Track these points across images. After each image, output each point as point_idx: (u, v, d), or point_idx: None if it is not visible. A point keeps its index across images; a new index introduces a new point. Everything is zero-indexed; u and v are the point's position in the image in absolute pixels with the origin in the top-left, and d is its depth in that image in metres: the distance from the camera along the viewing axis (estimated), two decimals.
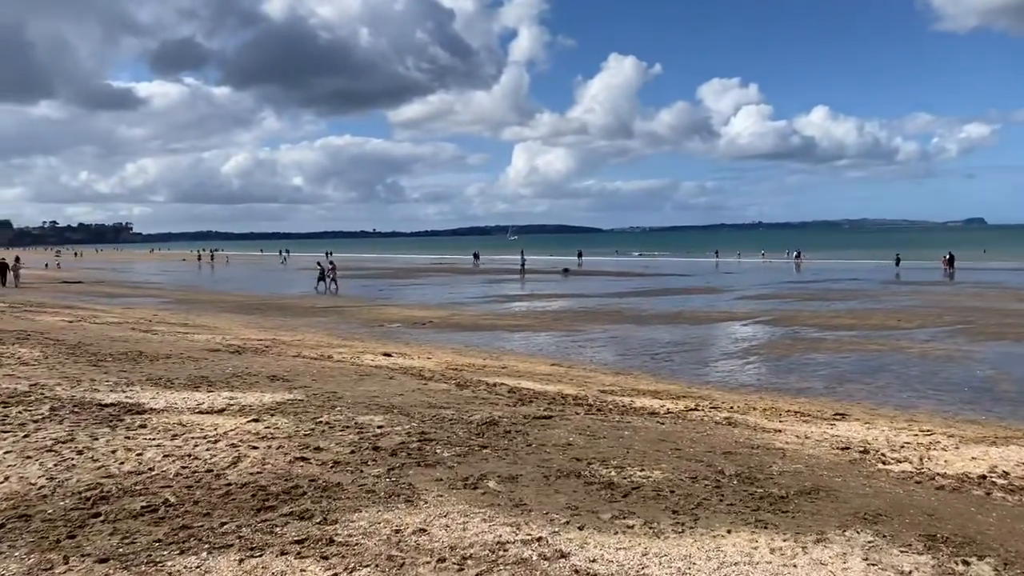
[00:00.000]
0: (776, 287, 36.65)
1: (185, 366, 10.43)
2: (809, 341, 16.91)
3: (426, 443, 6.05)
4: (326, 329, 19.40)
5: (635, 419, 7.74)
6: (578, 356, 15.15)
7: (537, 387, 10.12)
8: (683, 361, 14.44)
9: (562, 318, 22.85)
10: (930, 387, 11.48)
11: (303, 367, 10.88)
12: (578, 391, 9.94)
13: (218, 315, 23.69)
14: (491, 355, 14.68)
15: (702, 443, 6.62)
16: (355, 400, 8.04)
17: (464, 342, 17.08)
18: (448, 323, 21.23)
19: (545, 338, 18.04)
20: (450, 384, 9.86)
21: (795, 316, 22.34)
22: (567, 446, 6.18)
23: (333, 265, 39.71)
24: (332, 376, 10.01)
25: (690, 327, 20.15)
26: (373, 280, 47.45)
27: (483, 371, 11.83)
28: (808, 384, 11.87)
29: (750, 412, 8.87)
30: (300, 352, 13.25)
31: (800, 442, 6.96)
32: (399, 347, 15.36)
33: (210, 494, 4.56)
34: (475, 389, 9.49)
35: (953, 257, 51.14)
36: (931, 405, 10.18)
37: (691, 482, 5.17)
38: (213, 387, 8.61)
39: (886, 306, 25.32)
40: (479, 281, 44.76)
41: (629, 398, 9.56)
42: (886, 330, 18.65)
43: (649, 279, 44.66)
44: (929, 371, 12.89)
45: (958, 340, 16.57)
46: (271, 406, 7.47)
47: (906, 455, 6.52)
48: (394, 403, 7.94)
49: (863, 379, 12.19)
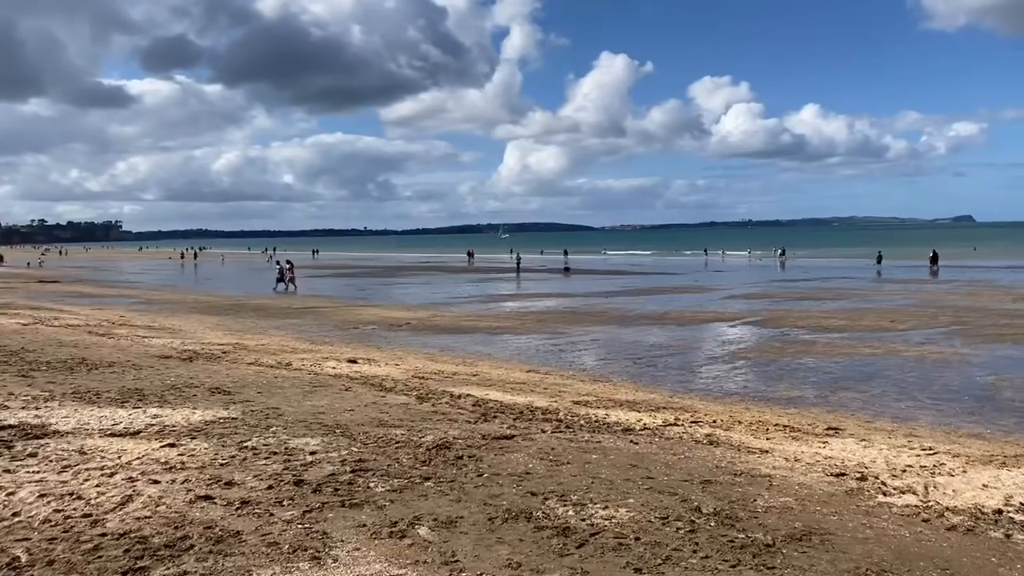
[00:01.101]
0: (765, 286, 35.97)
1: (124, 376, 9.60)
2: (799, 344, 16.18)
3: (360, 474, 5.26)
4: (297, 332, 18.57)
5: (607, 438, 6.96)
6: (557, 361, 14.37)
7: (506, 398, 9.33)
8: (666, 366, 13.68)
9: (546, 319, 22.08)
10: (928, 395, 10.75)
11: (253, 377, 10.06)
12: (549, 403, 9.16)
13: (188, 316, 22.81)
14: (465, 361, 13.89)
15: (678, 469, 5.85)
16: (296, 418, 7.23)
17: (440, 346, 16.28)
18: (427, 325, 20.42)
19: (525, 341, 17.26)
20: (411, 396, 9.06)
21: (784, 316, 21.63)
22: (524, 475, 5.40)
23: (291, 265, 38.06)
24: (281, 388, 9.20)
25: (676, 329, 19.41)
26: (358, 279, 46.56)
27: (452, 380, 11.04)
28: (798, 392, 11.12)
29: (734, 427, 8.11)
30: (259, 359, 12.43)
31: (789, 466, 6.20)
32: (369, 352, 14.54)
33: (74, 549, 3.75)
34: (437, 402, 8.69)
35: (937, 255, 50.76)
36: (931, 416, 9.44)
37: (661, 524, 4.40)
38: (143, 402, 7.79)
39: (878, 306, 24.65)
40: (467, 280, 43.94)
41: (604, 410, 8.78)
42: (879, 332, 17.95)
43: (637, 277, 43.92)
44: (926, 377, 12.17)
45: (955, 343, 15.87)
46: (197, 426, 6.65)
47: (909, 483, 5.76)
48: (340, 421, 7.14)
49: (857, 386, 11.45)
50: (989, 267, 52.17)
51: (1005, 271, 46.91)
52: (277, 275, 36.60)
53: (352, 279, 46.53)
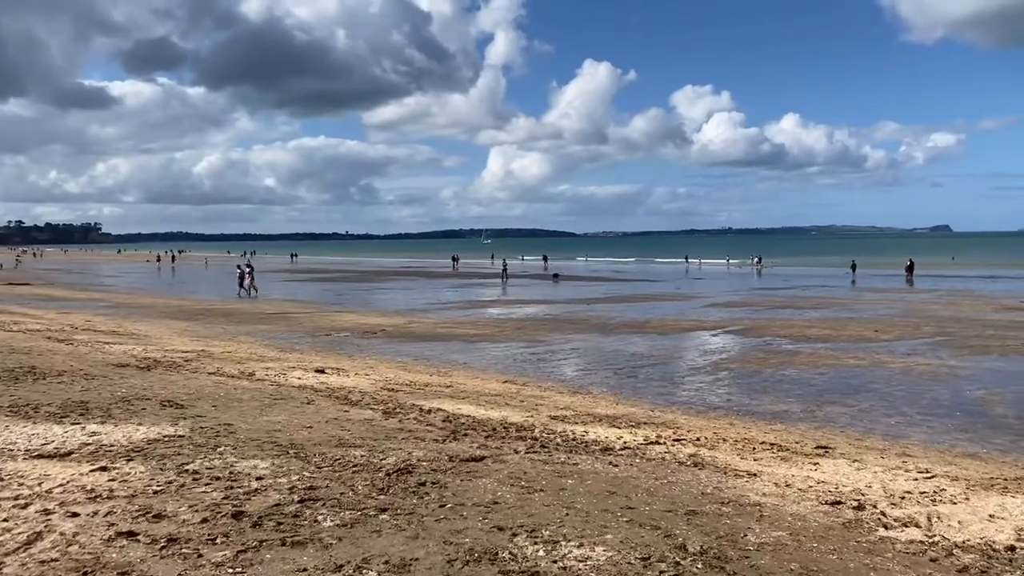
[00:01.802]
0: (746, 294, 35.73)
1: (71, 387, 8.98)
2: (783, 354, 15.80)
3: (309, 504, 4.73)
4: (267, 338, 17.95)
5: (584, 459, 6.47)
6: (535, 371, 13.88)
7: (479, 413, 8.82)
8: (648, 377, 13.23)
9: (525, 327, 21.59)
10: (918, 410, 10.36)
11: (212, 388, 9.47)
12: (525, 418, 8.66)
13: (156, 321, 22.10)
14: (439, 370, 13.36)
15: (661, 496, 5.38)
16: (249, 436, 6.68)
17: (414, 354, 15.74)
18: (402, 332, 19.86)
19: (503, 350, 16.76)
20: (377, 411, 8.52)
21: (767, 326, 21.29)
22: (492, 506, 4.89)
23: (251, 269, 36.70)
24: (239, 401, 8.62)
25: (657, 338, 18.98)
26: (336, 283, 45.86)
27: (423, 392, 10.51)
28: (784, 406, 10.70)
29: (719, 445, 7.65)
30: (221, 368, 11.83)
31: (780, 492, 5.74)
32: (339, 361, 13.98)
33: None
34: (404, 417, 8.16)
35: (913, 265, 51.07)
36: (923, 434, 9.04)
37: (643, 567, 3.91)
38: (84, 417, 7.19)
39: (860, 315, 24.40)
40: (448, 286, 43.37)
41: (582, 427, 8.30)
42: (863, 342, 17.63)
43: (618, 284, 43.57)
44: (915, 391, 11.80)
45: (941, 354, 15.56)
46: (138, 446, 6.09)
47: (910, 513, 5.32)
48: (296, 440, 6.60)
49: (844, 400, 11.05)
50: (968, 276, 52.41)
51: (984, 280, 47.09)
52: (238, 279, 35.62)
53: (330, 283, 45.81)
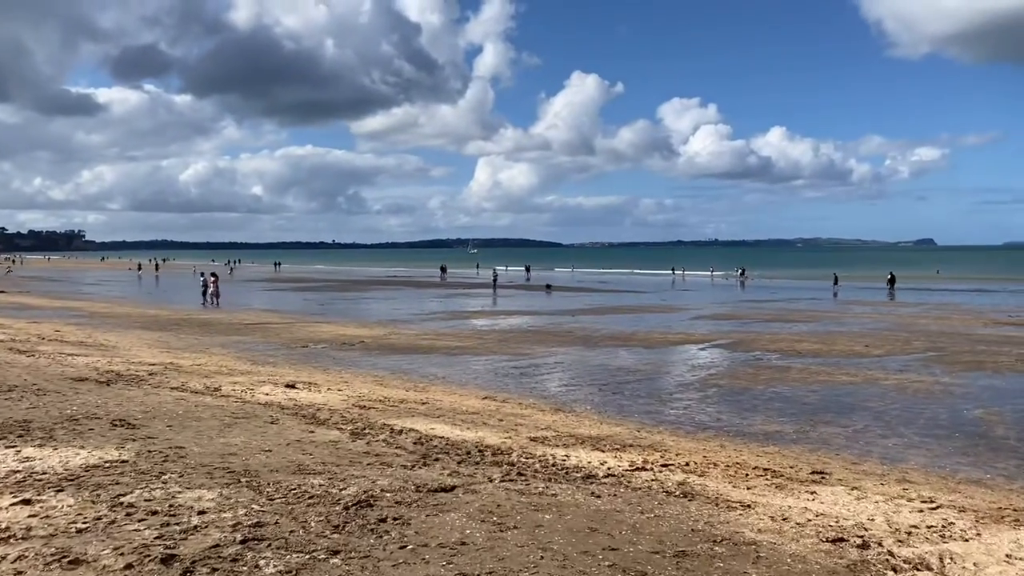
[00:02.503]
0: (733, 306, 35.39)
1: (18, 404, 8.39)
2: (773, 369, 15.37)
3: (252, 545, 4.20)
4: (241, 350, 17.35)
5: (564, 488, 5.96)
6: (516, 386, 13.37)
7: (453, 434, 8.30)
8: (634, 394, 12.75)
9: (508, 339, 21.09)
10: (916, 431, 9.92)
11: (171, 405, 8.91)
12: (503, 439, 8.15)
13: (128, 331, 21.44)
14: (416, 385, 12.83)
15: (647, 534, 4.88)
16: (200, 461, 6.13)
17: (392, 368, 15.20)
18: (382, 344, 19.31)
19: (485, 363, 16.24)
20: (344, 432, 7.98)
21: (755, 339, 20.89)
22: (458, 547, 4.38)
23: (215, 278, 35.04)
24: (198, 420, 8.07)
25: (644, 351, 18.53)
26: (319, 293, 45.19)
27: (397, 409, 9.98)
28: (776, 426, 10.24)
29: (710, 471, 7.16)
30: (186, 382, 11.25)
31: (777, 528, 5.26)
32: (312, 375, 13.42)
33: None
34: (373, 439, 7.63)
35: (894, 278, 51.16)
36: (922, 458, 8.60)
37: None
38: (23, 439, 6.63)
39: (849, 329, 24.06)
40: (433, 296, 42.79)
41: (564, 450, 7.79)
42: (855, 357, 17.24)
43: (604, 295, 43.15)
44: (910, 410, 11.38)
45: (934, 370, 15.17)
46: (73, 474, 5.53)
47: (920, 552, 4.85)
48: (251, 466, 6.06)
49: (838, 420, 10.61)
50: (954, 290, 52.41)
51: (970, 294, 47.06)
52: (202, 288, 34.59)
53: (312, 293, 45.15)
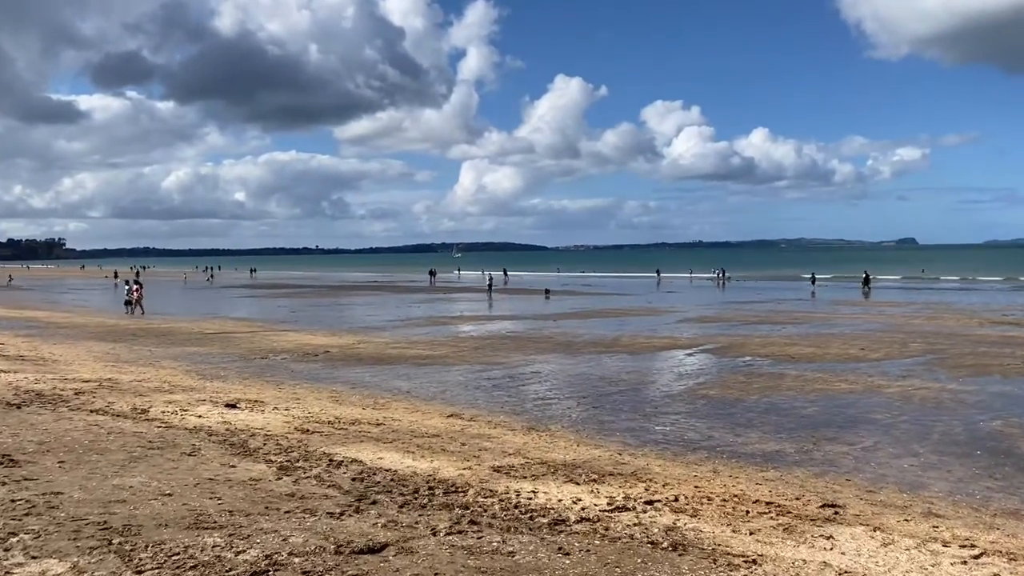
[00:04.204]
0: (719, 308, 34.40)
1: None
2: (766, 377, 14.28)
3: None
4: (193, 363, 16.05)
5: (525, 544, 4.79)
6: (487, 401, 12.18)
7: (404, 465, 7.10)
8: (616, 407, 11.59)
9: (484, 346, 19.90)
10: (932, 449, 8.82)
11: (79, 434, 7.65)
12: (461, 471, 6.95)
13: (79, 343, 20.07)
14: (376, 402, 11.61)
15: None
16: (73, 513, 4.91)
17: (353, 381, 13.97)
18: (348, 354, 18.06)
19: (456, 374, 15.04)
20: (273, 465, 6.76)
21: (745, 343, 19.82)
22: None
23: (139, 286, 32.80)
24: (101, 453, 6.83)
25: (627, 358, 17.40)
26: (293, 299, 43.76)
27: (346, 433, 8.76)
28: (775, 444, 9.11)
29: (703, 509, 6.01)
30: (112, 404, 9.97)
31: None
32: (263, 390, 12.17)
33: None
34: (304, 475, 6.42)
35: (868, 277, 50.94)
36: (945, 482, 7.49)
37: None
38: None
39: (841, 331, 23.07)
40: (413, 301, 41.48)
41: (531, 483, 6.61)
42: (851, 362, 16.19)
43: (588, 298, 42.03)
44: (921, 422, 10.30)
45: (938, 376, 14.13)
46: None
47: None
48: (136, 518, 4.84)
49: (843, 436, 9.49)
50: (942, 289, 51.81)
51: (958, 293, 46.41)
52: (126, 297, 32.88)
53: (287, 299, 43.73)
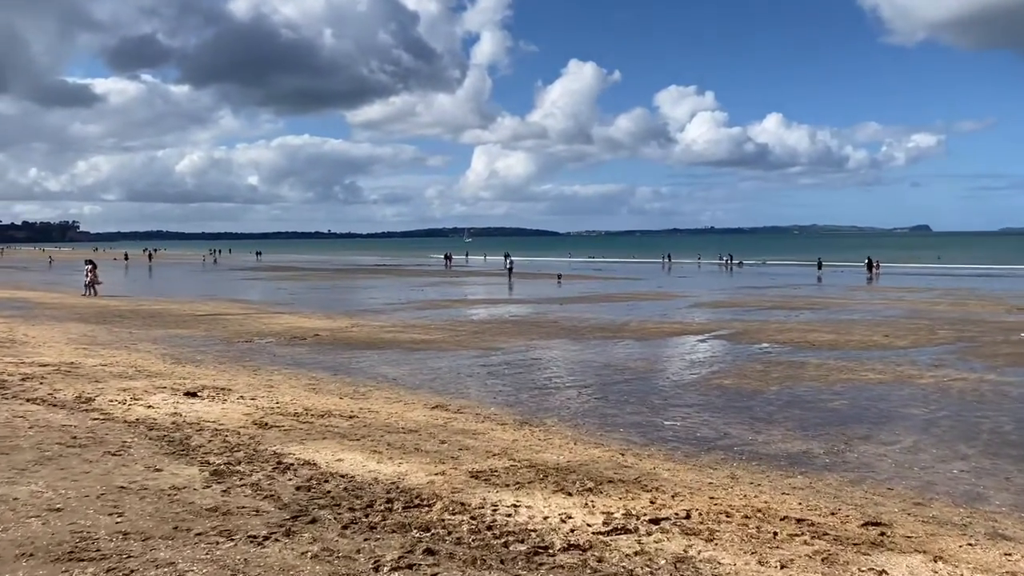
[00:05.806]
0: (732, 293, 33.20)
1: None
2: (786, 366, 13.14)
3: None
4: (173, 346, 15.05)
5: None
6: (479, 390, 11.11)
7: (366, 469, 6.03)
8: (620, 399, 10.49)
9: (483, 331, 18.82)
10: (983, 451, 7.68)
11: None
12: (432, 476, 5.88)
13: (60, 324, 19.11)
14: (357, 390, 10.55)
15: None
16: None
17: (337, 367, 12.93)
18: (338, 337, 17.03)
19: (449, 360, 13.98)
20: (208, 467, 5.71)
21: (761, 329, 18.66)
22: None
23: (93, 265, 31.70)
24: (6, 451, 5.80)
25: (635, 345, 16.28)
26: (295, 282, 42.81)
27: (310, 427, 7.71)
28: (801, 443, 7.99)
29: (721, 529, 4.92)
30: (57, 392, 8.97)
31: None
32: (234, 377, 11.14)
33: None
34: (240, 481, 5.36)
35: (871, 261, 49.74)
36: (1007, 493, 6.36)
37: None
38: None
39: (862, 317, 21.85)
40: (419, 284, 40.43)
41: (513, 493, 5.54)
42: (876, 349, 15.02)
43: (597, 282, 40.89)
44: (964, 418, 9.15)
45: (973, 365, 12.95)
46: None
47: None
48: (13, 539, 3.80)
49: (878, 434, 8.37)
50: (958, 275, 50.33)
51: (978, 279, 44.95)
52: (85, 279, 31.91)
53: (289, 282, 42.79)
